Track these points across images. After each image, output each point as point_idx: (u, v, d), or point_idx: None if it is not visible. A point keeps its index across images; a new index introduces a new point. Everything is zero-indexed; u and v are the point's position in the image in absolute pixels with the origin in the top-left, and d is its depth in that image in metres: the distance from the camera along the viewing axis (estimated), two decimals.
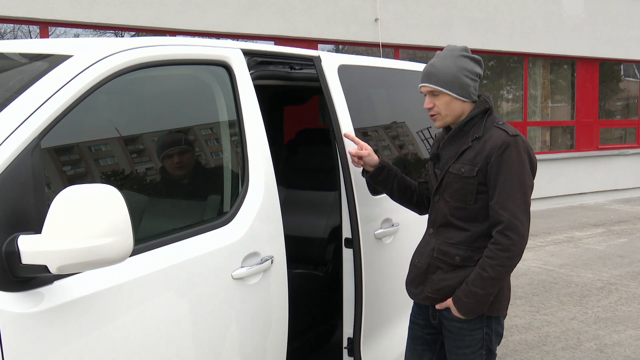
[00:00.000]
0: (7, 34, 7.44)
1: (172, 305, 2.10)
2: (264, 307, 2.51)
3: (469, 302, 2.46)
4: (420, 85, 2.61)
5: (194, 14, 8.16)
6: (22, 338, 1.66)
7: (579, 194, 12.63)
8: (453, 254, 2.53)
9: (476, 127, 2.54)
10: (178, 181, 2.40)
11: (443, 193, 2.57)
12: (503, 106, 12.50)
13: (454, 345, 2.59)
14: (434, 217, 2.64)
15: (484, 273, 2.42)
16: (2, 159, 1.69)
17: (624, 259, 7.79)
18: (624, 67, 14.14)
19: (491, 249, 2.43)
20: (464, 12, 10.77)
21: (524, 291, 6.45)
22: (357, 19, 9.57)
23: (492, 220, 2.46)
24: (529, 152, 2.50)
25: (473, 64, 2.58)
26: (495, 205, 2.43)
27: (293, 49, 3.07)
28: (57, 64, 1.97)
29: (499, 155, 2.43)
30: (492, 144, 2.45)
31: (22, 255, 1.64)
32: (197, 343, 2.20)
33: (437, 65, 2.54)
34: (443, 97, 2.54)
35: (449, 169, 2.54)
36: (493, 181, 2.44)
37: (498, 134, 2.48)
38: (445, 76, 2.52)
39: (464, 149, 2.51)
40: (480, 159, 2.46)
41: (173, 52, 2.31)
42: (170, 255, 2.12)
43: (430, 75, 2.54)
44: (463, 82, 2.53)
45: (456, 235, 2.54)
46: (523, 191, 2.45)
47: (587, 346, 4.94)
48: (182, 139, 2.43)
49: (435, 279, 2.57)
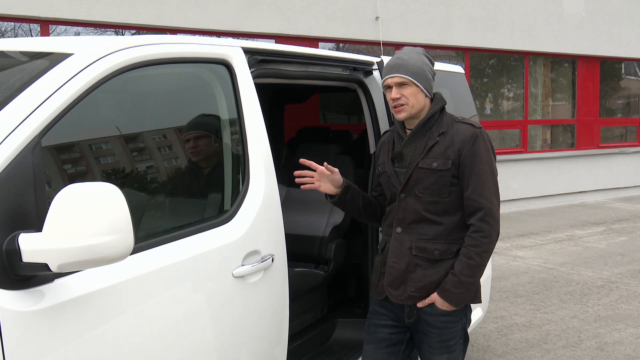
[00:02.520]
0: (7, 32, 7.44)
1: (172, 304, 2.10)
2: (265, 305, 2.51)
3: (459, 292, 2.51)
4: (387, 77, 2.65)
5: (194, 12, 8.15)
6: (23, 336, 1.67)
7: (580, 192, 12.63)
8: (432, 249, 2.57)
9: (438, 123, 2.63)
10: (178, 179, 2.40)
11: (412, 189, 2.60)
12: (504, 104, 12.50)
13: (438, 339, 2.61)
14: (402, 215, 2.63)
15: (471, 261, 2.49)
16: (2, 158, 1.69)
17: (624, 258, 7.79)
18: (625, 65, 14.13)
19: (474, 237, 2.51)
20: (464, 10, 10.76)
21: (524, 289, 6.45)
22: (358, 17, 9.56)
23: (469, 209, 2.54)
24: (491, 143, 2.66)
25: (431, 64, 2.71)
26: (472, 195, 2.52)
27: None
28: (57, 62, 1.96)
29: (470, 147, 2.54)
30: (462, 137, 2.56)
31: (23, 253, 1.64)
32: (198, 341, 2.20)
33: (405, 58, 2.64)
34: (411, 88, 2.61)
35: (418, 165, 2.58)
36: (467, 172, 2.53)
37: (465, 127, 2.60)
38: (413, 68, 2.61)
39: (432, 144, 2.58)
40: (452, 152, 2.55)
41: (173, 51, 2.31)
42: (171, 253, 2.12)
43: (400, 67, 2.62)
44: (427, 76, 2.65)
45: (431, 230, 2.58)
46: (494, 178, 2.58)
47: (587, 344, 4.94)
48: (200, 123, 2.46)
49: (417, 277, 2.58)
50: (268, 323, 2.54)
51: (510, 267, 7.35)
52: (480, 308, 4.48)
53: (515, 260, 7.69)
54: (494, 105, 12.36)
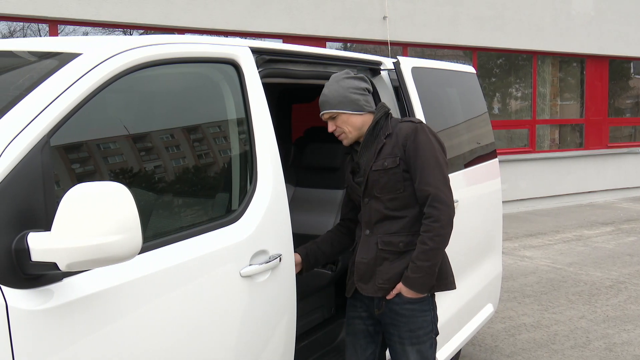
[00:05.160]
0: (16, 32, 7.47)
1: (180, 303, 2.11)
2: (272, 304, 2.51)
3: (418, 276, 2.66)
4: (320, 114, 2.84)
5: (201, 12, 8.17)
6: (32, 335, 1.67)
7: (588, 192, 12.58)
8: (396, 241, 2.73)
9: (383, 127, 2.80)
10: (186, 179, 2.41)
11: (371, 192, 2.76)
12: (512, 104, 12.46)
13: (406, 329, 2.74)
14: (368, 217, 2.79)
15: (424, 246, 2.64)
16: (12, 157, 1.70)
17: (633, 258, 7.76)
18: (634, 64, 14.06)
19: (425, 223, 2.67)
20: (472, 10, 10.73)
21: (532, 290, 6.43)
22: (365, 17, 9.56)
23: (421, 200, 2.71)
24: (435, 134, 2.81)
25: (357, 81, 2.84)
26: (420, 185, 2.69)
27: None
28: (66, 62, 1.97)
29: (412, 141, 2.70)
30: (404, 134, 2.73)
31: (32, 252, 1.65)
32: (205, 340, 2.21)
33: (326, 93, 2.80)
34: (340, 117, 2.78)
35: (371, 169, 2.74)
36: (413, 164, 2.70)
37: (405, 125, 2.78)
38: (334, 99, 2.77)
39: (380, 147, 2.75)
40: (398, 149, 2.72)
41: (181, 50, 2.31)
42: (179, 253, 2.12)
43: (323, 104, 2.80)
44: (352, 98, 2.78)
45: (394, 225, 2.74)
46: (439, 167, 2.71)
47: (596, 345, 4.92)
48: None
49: (384, 269, 2.74)
50: (275, 323, 2.55)
51: (518, 267, 7.33)
52: (491, 304, 4.48)
53: (523, 260, 7.67)
54: (502, 104, 12.33)
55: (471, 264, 4.03)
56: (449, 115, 4.08)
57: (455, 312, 3.82)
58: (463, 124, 4.25)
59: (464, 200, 3.76)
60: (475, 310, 4.20)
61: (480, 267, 4.23)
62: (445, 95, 4.13)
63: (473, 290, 4.12)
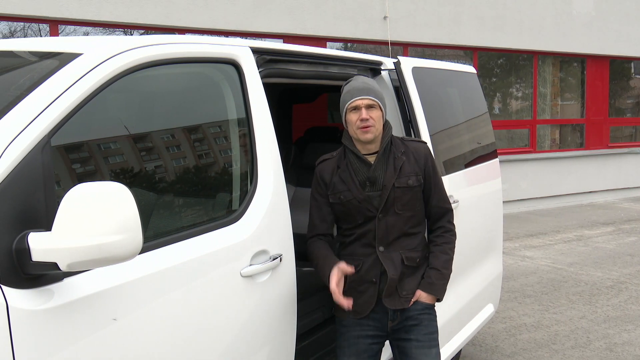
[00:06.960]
0: (17, 32, 7.48)
1: (180, 303, 2.11)
2: (273, 304, 2.51)
3: (442, 283, 2.81)
4: (357, 98, 2.69)
5: (202, 12, 8.17)
6: (32, 334, 1.67)
7: (589, 192, 12.57)
8: (415, 257, 2.79)
9: (394, 145, 2.81)
10: (187, 179, 2.41)
11: (391, 208, 2.73)
12: (512, 104, 12.46)
13: (425, 332, 2.78)
14: (383, 234, 2.72)
15: (447, 256, 2.83)
16: (12, 157, 1.70)
17: (633, 258, 7.75)
18: (635, 64, 14.05)
19: (446, 236, 2.86)
20: (473, 10, 10.73)
21: (533, 290, 6.43)
22: (366, 16, 9.56)
23: (437, 216, 2.87)
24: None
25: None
26: (439, 203, 2.86)
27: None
28: (67, 62, 1.97)
29: (431, 162, 2.84)
30: (422, 154, 2.82)
31: (32, 252, 1.65)
32: (206, 340, 2.21)
33: (371, 84, 2.77)
34: (377, 112, 2.72)
35: (394, 185, 2.72)
36: (432, 184, 2.83)
37: (417, 145, 2.87)
38: (379, 93, 2.77)
39: (400, 164, 2.76)
40: (419, 169, 2.79)
41: (182, 50, 2.31)
42: (179, 252, 2.12)
43: (369, 90, 2.73)
44: (385, 104, 2.81)
45: (412, 242, 2.80)
46: (444, 185, 2.94)
47: (596, 345, 4.92)
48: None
49: (405, 282, 2.78)
50: (276, 322, 2.55)
51: (519, 267, 7.32)
52: (492, 304, 4.48)
53: (523, 261, 7.67)
54: (503, 104, 12.32)
55: (472, 264, 4.03)
56: (450, 116, 4.08)
57: (456, 312, 3.82)
58: (464, 124, 4.25)
59: (464, 200, 3.76)
60: (475, 310, 4.20)
61: (480, 267, 4.23)
62: (445, 95, 4.14)
63: (474, 290, 4.12)
